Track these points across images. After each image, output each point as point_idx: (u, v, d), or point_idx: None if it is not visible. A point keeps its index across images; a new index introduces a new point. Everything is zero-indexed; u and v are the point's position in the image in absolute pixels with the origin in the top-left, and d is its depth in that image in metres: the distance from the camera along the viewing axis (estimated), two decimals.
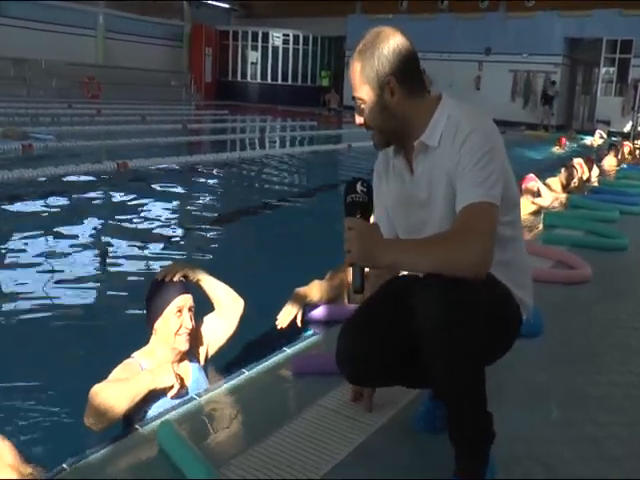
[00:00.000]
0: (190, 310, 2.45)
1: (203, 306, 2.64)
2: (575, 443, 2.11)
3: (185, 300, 2.43)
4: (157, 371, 2.29)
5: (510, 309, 1.83)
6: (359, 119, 1.85)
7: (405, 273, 2.00)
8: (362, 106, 1.81)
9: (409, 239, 1.86)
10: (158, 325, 2.42)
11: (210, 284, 2.64)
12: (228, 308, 2.68)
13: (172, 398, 2.31)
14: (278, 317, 3.23)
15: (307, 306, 3.34)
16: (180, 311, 2.41)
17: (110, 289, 4.38)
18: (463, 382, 1.66)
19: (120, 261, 5.11)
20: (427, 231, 1.81)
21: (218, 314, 2.69)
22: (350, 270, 1.71)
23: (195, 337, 2.55)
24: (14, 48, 21.65)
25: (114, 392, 2.18)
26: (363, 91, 1.79)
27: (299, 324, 3.25)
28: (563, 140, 18.05)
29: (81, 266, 4.87)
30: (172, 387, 2.28)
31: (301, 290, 3.34)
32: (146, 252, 5.39)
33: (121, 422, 2.24)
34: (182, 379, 2.37)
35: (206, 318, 2.70)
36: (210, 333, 2.68)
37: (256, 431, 2.07)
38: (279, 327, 3.22)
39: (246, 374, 2.52)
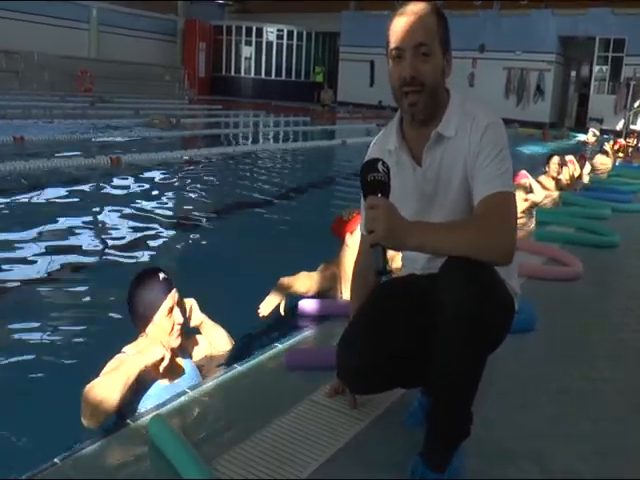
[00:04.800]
0: (178, 305, 2.44)
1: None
2: (568, 439, 2.12)
3: (173, 298, 2.41)
4: (145, 349, 2.28)
5: (509, 299, 1.83)
6: (414, 69, 1.74)
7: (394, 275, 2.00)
8: (428, 57, 1.74)
9: (432, 222, 1.77)
10: (150, 330, 2.40)
11: (209, 328, 2.77)
12: (219, 348, 2.83)
13: (165, 374, 2.33)
14: (260, 306, 3.23)
15: (292, 296, 3.34)
16: (171, 309, 2.39)
17: (104, 283, 4.36)
18: (470, 366, 1.66)
19: (114, 256, 5.09)
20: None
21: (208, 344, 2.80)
22: (344, 259, 1.70)
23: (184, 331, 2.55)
24: (6, 40, 21.52)
25: (107, 381, 2.17)
26: (435, 44, 1.74)
27: (282, 313, 3.25)
28: (545, 134, 20.66)
29: (74, 259, 4.85)
30: (163, 359, 2.26)
31: (285, 280, 3.33)
32: (140, 246, 5.37)
33: (118, 414, 2.24)
34: (174, 364, 2.36)
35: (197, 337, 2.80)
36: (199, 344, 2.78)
37: (248, 425, 2.06)
38: (260, 315, 3.22)
39: (238, 369, 2.51)
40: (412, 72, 1.74)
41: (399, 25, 1.76)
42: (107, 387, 2.14)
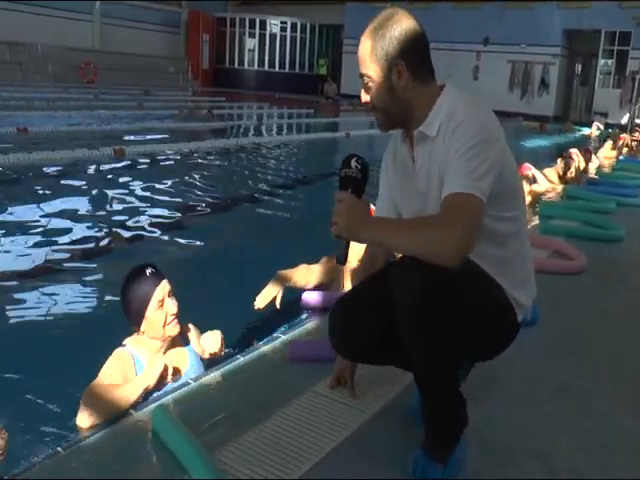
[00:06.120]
0: (170, 295, 2.42)
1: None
2: (570, 434, 2.11)
3: (163, 289, 2.40)
4: (148, 372, 2.27)
5: (499, 307, 1.82)
6: (365, 97, 1.84)
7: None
8: (369, 84, 1.80)
9: (394, 219, 1.92)
10: (145, 327, 2.40)
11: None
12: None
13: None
14: (257, 298, 3.22)
15: (291, 289, 3.34)
16: (162, 302, 2.38)
17: (107, 275, 4.36)
18: (432, 364, 1.67)
19: (115, 247, 5.09)
20: None
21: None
22: (351, 244, 1.74)
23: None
24: (10, 32, 21.46)
25: (108, 398, 2.18)
26: (371, 69, 1.78)
27: (277, 306, 3.25)
28: (543, 126, 21.39)
29: (76, 251, 4.85)
30: (166, 378, 2.28)
31: (283, 273, 3.33)
32: (142, 238, 5.38)
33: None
34: (175, 368, 2.35)
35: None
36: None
37: (250, 416, 2.06)
38: (256, 308, 3.21)
39: (241, 359, 2.51)
40: (364, 100, 1.85)
41: None
42: (108, 404, 2.16)
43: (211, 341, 2.55)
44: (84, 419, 2.15)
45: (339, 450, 1.91)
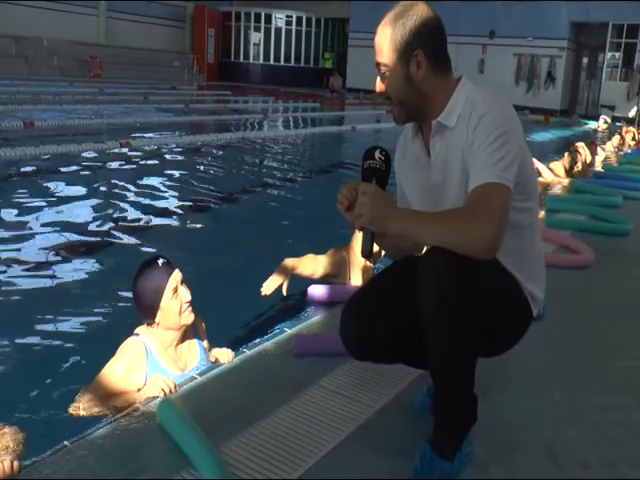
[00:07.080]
0: (182, 282, 2.43)
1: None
2: (579, 427, 2.10)
3: (175, 278, 2.40)
4: (149, 389, 2.25)
5: (516, 301, 1.82)
6: (380, 86, 1.81)
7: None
8: (386, 73, 1.78)
9: (420, 211, 1.83)
10: (160, 317, 2.39)
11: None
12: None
13: (179, 360, 2.38)
14: (263, 285, 3.23)
15: (297, 278, 3.34)
16: (176, 290, 2.39)
17: (111, 268, 4.37)
18: (454, 358, 1.66)
19: (122, 240, 5.09)
20: None
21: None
22: (359, 235, 1.72)
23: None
24: (15, 26, 21.47)
25: (104, 401, 2.20)
26: (389, 58, 1.76)
27: (284, 293, 3.26)
28: (548, 119, 21.17)
29: (82, 243, 4.87)
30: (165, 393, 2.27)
31: (289, 261, 3.33)
32: (148, 231, 5.38)
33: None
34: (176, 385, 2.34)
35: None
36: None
37: (256, 410, 2.06)
38: (262, 294, 3.22)
39: (247, 353, 2.52)
40: (377, 89, 1.83)
41: None
42: (104, 404, 2.19)
43: (224, 356, 2.54)
44: (76, 410, 2.19)
45: (345, 445, 1.91)
